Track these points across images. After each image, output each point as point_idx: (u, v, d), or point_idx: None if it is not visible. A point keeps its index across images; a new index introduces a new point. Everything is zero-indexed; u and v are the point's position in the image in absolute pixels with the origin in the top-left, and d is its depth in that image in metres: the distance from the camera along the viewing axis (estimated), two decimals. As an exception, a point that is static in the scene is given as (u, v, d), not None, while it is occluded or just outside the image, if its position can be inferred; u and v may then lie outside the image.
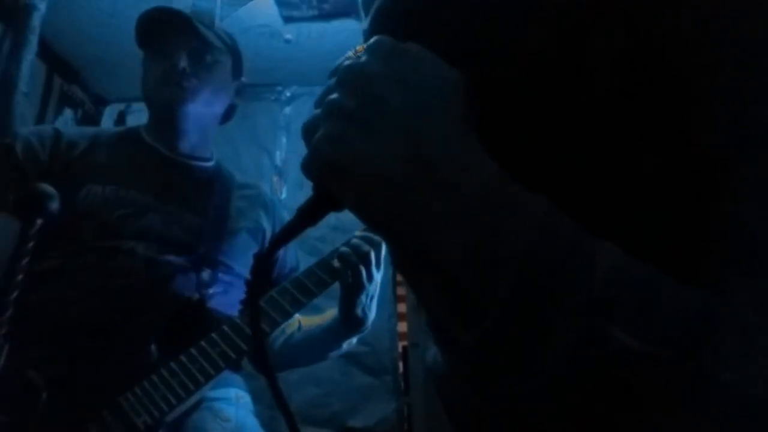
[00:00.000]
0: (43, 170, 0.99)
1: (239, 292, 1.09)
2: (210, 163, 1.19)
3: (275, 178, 2.40)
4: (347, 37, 2.15)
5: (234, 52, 1.20)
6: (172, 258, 0.99)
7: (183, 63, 1.08)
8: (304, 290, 0.96)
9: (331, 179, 0.31)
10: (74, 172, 1.01)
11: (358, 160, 0.29)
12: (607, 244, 0.27)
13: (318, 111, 0.33)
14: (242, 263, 1.10)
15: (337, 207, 0.34)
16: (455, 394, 0.38)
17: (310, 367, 2.05)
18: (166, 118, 1.11)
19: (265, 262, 0.36)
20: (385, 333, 2.11)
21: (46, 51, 2.23)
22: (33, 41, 0.52)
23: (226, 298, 1.05)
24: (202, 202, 1.10)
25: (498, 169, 0.29)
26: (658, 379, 0.24)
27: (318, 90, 0.35)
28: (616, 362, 0.24)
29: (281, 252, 1.18)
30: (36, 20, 0.51)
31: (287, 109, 2.53)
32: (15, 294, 0.67)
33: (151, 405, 0.84)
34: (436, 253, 0.28)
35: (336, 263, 0.97)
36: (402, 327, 2.14)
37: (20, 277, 0.64)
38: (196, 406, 0.94)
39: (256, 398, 1.09)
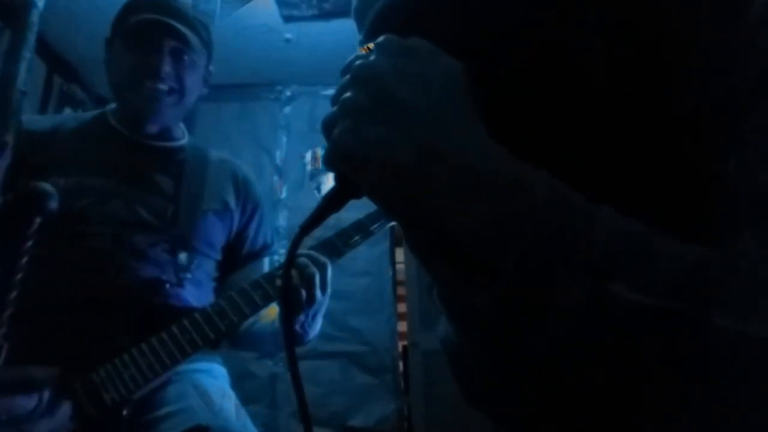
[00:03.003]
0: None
1: (206, 272, 1.11)
2: (179, 143, 1.18)
3: (275, 178, 2.40)
4: (347, 37, 2.15)
5: (209, 47, 1.18)
6: (139, 237, 1.00)
7: (167, 66, 1.07)
8: (250, 302, 0.96)
9: (350, 168, 0.34)
10: (36, 164, 1.00)
11: (372, 149, 0.32)
12: (606, 207, 0.30)
13: (335, 108, 0.36)
14: (206, 244, 1.10)
15: (357, 194, 0.37)
16: (466, 365, 0.41)
17: (310, 367, 2.06)
18: (137, 111, 1.10)
19: (293, 249, 0.40)
20: (385, 333, 2.11)
21: (46, 51, 2.24)
22: (31, 39, 0.52)
23: (194, 277, 1.06)
24: (170, 183, 1.10)
25: (502, 148, 0.32)
26: (661, 330, 0.26)
27: (318, 89, 0.38)
28: (620, 317, 0.27)
29: (252, 230, 1.20)
30: (34, 17, 0.51)
31: (287, 109, 2.53)
32: (15, 293, 0.67)
33: (119, 382, 0.88)
34: (451, 230, 0.31)
35: (278, 280, 0.96)
36: (402, 327, 2.14)
37: (20, 276, 0.64)
38: (176, 377, 0.97)
39: (255, 398, 1.09)
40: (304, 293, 0.93)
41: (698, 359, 0.26)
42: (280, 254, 1.14)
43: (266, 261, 1.20)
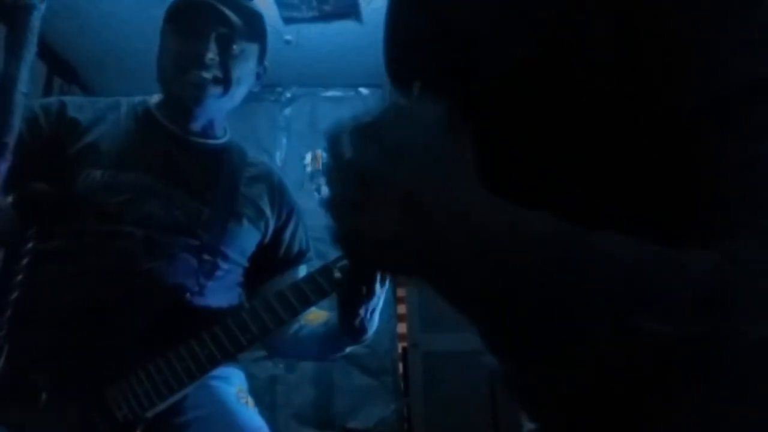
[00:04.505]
0: (43, 144, 0.96)
1: (233, 279, 1.07)
2: (221, 140, 1.14)
3: (275, 179, 2.40)
4: (347, 39, 2.15)
5: (262, 36, 1.12)
6: (171, 240, 0.96)
7: (212, 53, 1.00)
8: (301, 298, 0.93)
9: (355, 249, 0.35)
10: (75, 153, 0.97)
11: (371, 229, 0.33)
12: (617, 238, 0.29)
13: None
14: (239, 251, 1.06)
15: (370, 269, 0.38)
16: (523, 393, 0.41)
17: (310, 368, 2.06)
18: (181, 101, 1.05)
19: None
20: (385, 334, 2.10)
21: (46, 51, 2.23)
22: (33, 41, 0.52)
23: (221, 284, 1.02)
24: (209, 185, 1.05)
25: (502, 203, 0.31)
26: (693, 356, 0.26)
27: (318, 91, 0.38)
28: (651, 350, 0.26)
29: (287, 235, 1.16)
30: (36, 20, 0.51)
31: (287, 110, 2.53)
32: (15, 294, 0.67)
33: (133, 399, 0.83)
34: (462, 287, 0.31)
35: (337, 273, 0.94)
36: (402, 328, 2.13)
37: (19, 277, 0.64)
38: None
39: (254, 400, 1.09)
40: (364, 288, 0.89)
41: (735, 370, 0.25)
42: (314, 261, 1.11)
43: (303, 269, 1.14)
